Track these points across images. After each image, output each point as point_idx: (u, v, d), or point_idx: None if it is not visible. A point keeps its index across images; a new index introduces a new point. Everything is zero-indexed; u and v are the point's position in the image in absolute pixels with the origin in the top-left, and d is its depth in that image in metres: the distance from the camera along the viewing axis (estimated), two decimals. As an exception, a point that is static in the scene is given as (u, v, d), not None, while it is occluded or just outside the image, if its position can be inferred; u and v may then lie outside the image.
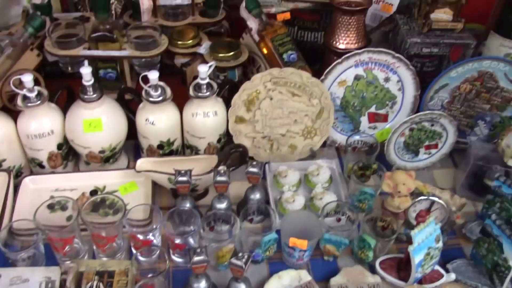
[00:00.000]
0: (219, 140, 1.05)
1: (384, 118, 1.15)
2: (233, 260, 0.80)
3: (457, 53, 1.15)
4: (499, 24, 1.15)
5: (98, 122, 0.97)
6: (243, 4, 1.13)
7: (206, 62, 1.08)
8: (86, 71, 0.94)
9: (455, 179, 1.12)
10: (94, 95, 0.96)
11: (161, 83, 0.99)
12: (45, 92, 0.97)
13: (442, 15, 1.12)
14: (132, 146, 1.11)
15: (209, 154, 1.04)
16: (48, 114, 0.98)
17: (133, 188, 1.02)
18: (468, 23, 1.26)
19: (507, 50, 1.14)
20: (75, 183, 1.01)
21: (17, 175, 1.02)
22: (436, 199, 0.97)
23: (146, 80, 0.97)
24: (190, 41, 1.14)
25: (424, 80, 1.12)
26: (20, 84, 0.95)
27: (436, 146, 1.12)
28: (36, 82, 1.03)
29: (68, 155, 1.04)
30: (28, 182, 1.00)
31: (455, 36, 1.13)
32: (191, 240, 0.90)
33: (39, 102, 0.95)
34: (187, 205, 0.94)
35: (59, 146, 1.01)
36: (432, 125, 1.08)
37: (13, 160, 1.00)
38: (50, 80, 1.12)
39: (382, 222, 0.96)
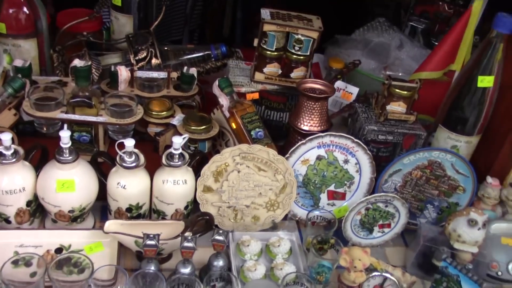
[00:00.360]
0: (186, 207, 1.09)
1: (342, 197, 1.22)
2: None
3: (409, 142, 1.26)
4: (446, 118, 1.27)
5: (71, 183, 1.00)
6: (216, 82, 1.22)
7: (179, 133, 1.14)
8: (65, 134, 0.97)
9: (405, 257, 1.19)
10: (70, 157, 0.99)
11: (136, 150, 1.03)
12: (21, 151, 0.99)
13: (396, 107, 1.23)
14: (100, 207, 1.13)
15: (176, 219, 1.07)
16: (21, 172, 1.00)
17: (99, 248, 1.03)
18: (421, 114, 1.39)
19: (454, 142, 1.26)
20: (40, 240, 1.01)
21: (-18, 230, 1.01)
22: (388, 275, 1.03)
23: (121, 146, 1.01)
24: (165, 112, 1.20)
25: (379, 164, 1.22)
26: (-4, 141, 0.97)
27: (389, 225, 1.19)
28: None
29: (36, 212, 1.05)
30: (-7, 237, 1.00)
31: (408, 126, 1.24)
32: (154, 304, 0.91)
33: (14, 160, 0.97)
34: (152, 268, 0.96)
35: (28, 203, 1.02)
36: (386, 206, 1.17)
37: (-20, 213, 1.01)
38: (21, 137, 1.15)
39: (338, 295, 1.01)
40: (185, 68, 1.29)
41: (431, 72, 1.37)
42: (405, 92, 1.22)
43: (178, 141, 1.02)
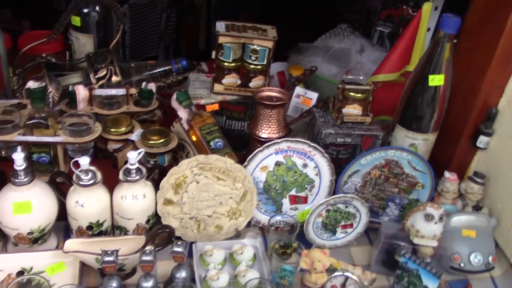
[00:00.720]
0: (147, 221, 1.10)
1: (304, 200, 1.24)
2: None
3: (368, 142, 1.28)
4: (402, 117, 1.29)
5: (27, 204, 1.00)
6: (174, 96, 1.24)
7: (137, 149, 1.15)
8: (18, 156, 0.98)
9: (370, 255, 1.21)
10: (25, 179, 1.00)
11: (92, 168, 1.04)
12: (-23, 176, 1.00)
13: (352, 110, 1.26)
14: (63, 227, 1.13)
15: (138, 234, 1.08)
16: (-22, 196, 1.01)
17: (61, 268, 1.03)
18: (382, 116, 1.42)
19: (411, 140, 1.28)
20: (2, 264, 1.01)
21: None
22: (349, 274, 1.05)
23: (77, 164, 1.02)
24: (123, 128, 1.22)
25: (341, 166, 1.24)
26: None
27: (351, 225, 1.21)
28: (-32, 165, 1.07)
29: (-4, 237, 1.06)
30: (-48, 264, 1.00)
31: (364, 128, 1.26)
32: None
33: (-30, 185, 0.98)
34: (114, 284, 0.97)
35: (-13, 228, 1.02)
36: (346, 206, 1.18)
37: None
38: (-17, 164, 1.15)
39: (301, 298, 1.02)
40: (144, 83, 1.31)
41: (388, 74, 1.41)
42: (359, 95, 1.24)
43: (133, 156, 1.03)
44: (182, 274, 1.03)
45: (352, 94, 1.24)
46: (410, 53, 1.40)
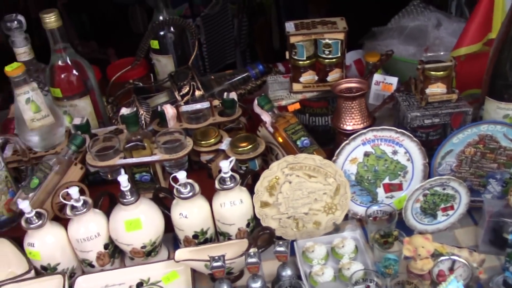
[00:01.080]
0: (248, 225, 1.14)
1: (399, 187, 1.23)
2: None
3: (458, 120, 1.24)
4: (492, 89, 1.24)
5: (137, 221, 1.08)
6: (255, 102, 1.27)
7: (228, 157, 1.20)
8: (122, 178, 1.06)
9: (476, 236, 1.17)
10: (132, 198, 1.08)
11: (190, 181, 1.10)
12: (89, 201, 1.10)
13: (436, 89, 1.23)
14: (171, 238, 1.21)
15: (240, 238, 1.12)
16: (94, 219, 1.10)
17: (175, 277, 1.10)
18: (470, 90, 1.37)
19: (505, 111, 1.22)
20: (122, 278, 1.10)
21: (71, 276, 1.12)
22: (456, 257, 1.02)
23: (175, 179, 1.09)
24: (212, 139, 1.27)
25: (432, 148, 1.21)
26: (67, 196, 1.07)
27: (452, 207, 1.18)
28: (82, 192, 1.16)
29: (115, 253, 1.15)
30: (81, 282, 1.10)
31: (452, 105, 1.23)
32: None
33: (85, 209, 1.07)
34: (225, 287, 1.02)
35: (106, 246, 1.12)
36: (444, 188, 1.16)
37: (66, 263, 1.11)
38: (93, 187, 1.25)
39: (409, 285, 1.01)
40: (225, 93, 1.36)
41: (470, 46, 1.35)
42: (441, 73, 1.21)
43: (225, 165, 1.08)
44: (288, 272, 1.06)
45: (433, 73, 1.21)
46: (491, 19, 1.33)
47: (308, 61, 1.34)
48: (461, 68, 1.25)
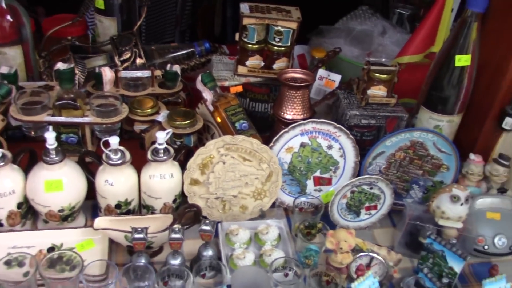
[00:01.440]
0: (174, 201, 1.12)
1: (328, 182, 1.25)
2: None
3: (392, 124, 1.28)
4: (427, 99, 1.29)
5: (59, 182, 1.02)
6: (199, 77, 1.24)
7: (164, 129, 1.17)
8: (50, 135, 1.00)
9: (393, 237, 1.21)
10: (56, 158, 1.02)
11: (121, 148, 1.06)
12: (8, 155, 1.02)
13: (377, 91, 1.26)
14: (90, 206, 1.16)
15: (165, 213, 1.09)
16: (10, 175, 1.03)
17: (90, 245, 1.05)
18: (405, 98, 1.41)
19: (436, 122, 1.28)
20: (33, 241, 1.04)
21: (-25, 233, 1.04)
22: (374, 255, 1.05)
23: (107, 144, 1.04)
24: (149, 109, 1.23)
25: (364, 148, 1.24)
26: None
27: (375, 207, 1.21)
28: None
29: (27, 214, 1.08)
30: (-14, 240, 1.03)
31: (389, 109, 1.26)
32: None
33: (2, 163, 1.00)
34: (143, 261, 0.99)
35: (19, 205, 1.05)
36: (371, 188, 1.19)
37: (-28, 218, 1.03)
38: (12, 143, 1.17)
39: (326, 277, 1.03)
40: (169, 65, 1.32)
41: (412, 56, 1.40)
42: (385, 76, 1.24)
43: (161, 136, 1.04)
44: (209, 252, 1.05)
45: (377, 75, 1.24)
46: (435, 34, 1.39)
47: (257, 46, 1.33)
48: (401, 76, 1.28)
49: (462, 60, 1.20)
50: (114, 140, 1.02)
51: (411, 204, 1.22)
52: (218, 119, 1.22)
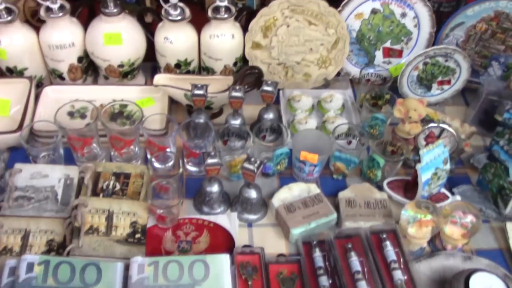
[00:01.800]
0: (235, 64, 1.07)
1: (399, 54, 1.16)
2: (246, 164, 0.82)
3: (474, -5, 1.15)
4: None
5: (117, 36, 0.99)
6: None
7: (226, -12, 1.09)
8: (108, -13, 0.96)
9: (465, 115, 1.13)
10: (115, 10, 0.98)
11: (181, 4, 1.01)
12: (67, 5, 0.99)
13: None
14: (150, 67, 1.13)
15: (225, 76, 1.05)
16: (70, 27, 1.00)
17: (150, 103, 1.04)
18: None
19: (526, -8, 1.15)
20: (94, 95, 1.03)
21: (38, 86, 1.04)
22: (446, 126, 0.98)
23: (166, 0, 0.98)
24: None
25: (440, 21, 1.13)
26: (43, -4, 0.97)
27: (449, 82, 1.13)
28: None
29: (88, 70, 1.07)
30: (49, 92, 1.03)
31: (473, -25, 1.13)
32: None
33: (61, 14, 0.97)
34: (202, 119, 0.97)
35: (80, 59, 1.03)
36: (446, 60, 1.09)
37: (34, 70, 1.03)
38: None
39: (392, 147, 0.98)
40: None
41: None
42: None
43: (223, -8, 0.98)
44: (270, 115, 1.01)
45: None
46: None
47: None
48: None
49: None
50: (173, -6, 0.97)
51: (490, 79, 1.12)
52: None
